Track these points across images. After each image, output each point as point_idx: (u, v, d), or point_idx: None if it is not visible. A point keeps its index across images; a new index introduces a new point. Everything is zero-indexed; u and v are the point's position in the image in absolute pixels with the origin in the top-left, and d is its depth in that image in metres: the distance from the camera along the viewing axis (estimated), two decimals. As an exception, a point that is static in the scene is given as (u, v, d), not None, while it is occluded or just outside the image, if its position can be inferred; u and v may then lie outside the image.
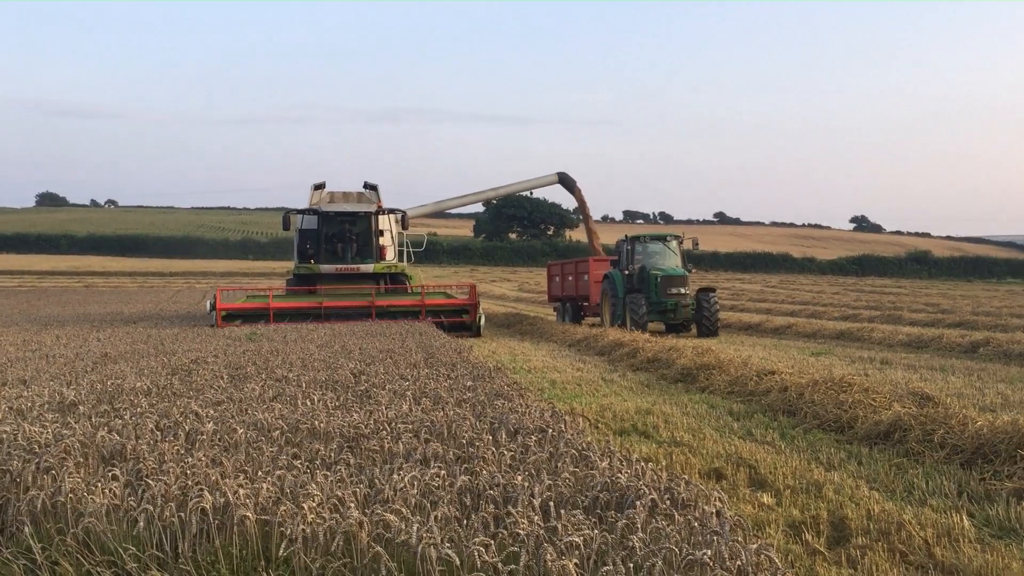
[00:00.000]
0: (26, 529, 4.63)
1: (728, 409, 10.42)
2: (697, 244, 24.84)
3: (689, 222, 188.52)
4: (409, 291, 25.35)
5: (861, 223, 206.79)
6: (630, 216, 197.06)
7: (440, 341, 15.69)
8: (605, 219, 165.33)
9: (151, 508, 4.35)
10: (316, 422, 6.67)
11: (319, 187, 26.07)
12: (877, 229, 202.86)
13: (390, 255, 25.96)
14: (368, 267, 24.95)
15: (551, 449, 5.54)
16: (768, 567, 3.25)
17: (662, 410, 10.26)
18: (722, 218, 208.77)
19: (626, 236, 24.45)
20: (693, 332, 23.21)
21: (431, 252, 27.77)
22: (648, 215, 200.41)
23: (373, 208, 25.27)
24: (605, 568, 3.25)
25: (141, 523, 4.35)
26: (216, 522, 4.23)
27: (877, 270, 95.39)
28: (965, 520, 5.44)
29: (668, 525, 3.72)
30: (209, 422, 6.67)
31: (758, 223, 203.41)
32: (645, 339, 17.99)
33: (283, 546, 3.98)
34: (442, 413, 7.05)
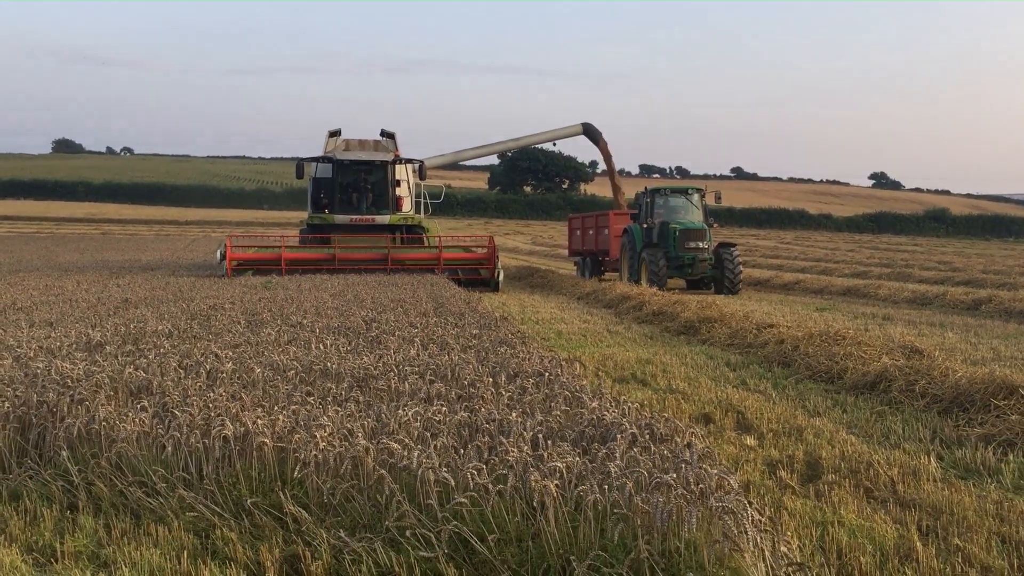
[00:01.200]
0: (64, 453, 5.09)
1: (726, 360, 10.79)
2: (720, 198, 24.03)
3: (706, 177, 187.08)
4: (426, 244, 24.69)
5: (880, 180, 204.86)
6: (646, 170, 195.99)
7: (450, 292, 16.08)
8: (621, 173, 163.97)
9: (178, 435, 4.79)
10: (328, 364, 7.09)
11: (334, 134, 25.26)
12: (896, 186, 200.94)
13: (407, 206, 25.28)
14: (384, 218, 24.20)
15: (547, 391, 5.94)
16: (727, 488, 3.65)
17: (662, 360, 10.64)
18: (739, 173, 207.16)
19: (646, 188, 23.78)
20: (713, 289, 22.40)
21: (445, 204, 26.89)
22: (665, 169, 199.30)
23: (390, 157, 24.42)
24: (581, 488, 3.65)
25: (169, 448, 4.79)
26: (237, 448, 4.66)
27: (894, 228, 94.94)
28: (932, 462, 5.82)
29: (643, 455, 4.12)
30: (228, 362, 7.10)
31: (776, 179, 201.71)
32: (652, 293, 18.32)
33: (297, 469, 4.40)
34: (447, 358, 7.45)
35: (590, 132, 33.45)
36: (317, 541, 3.99)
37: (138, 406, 5.53)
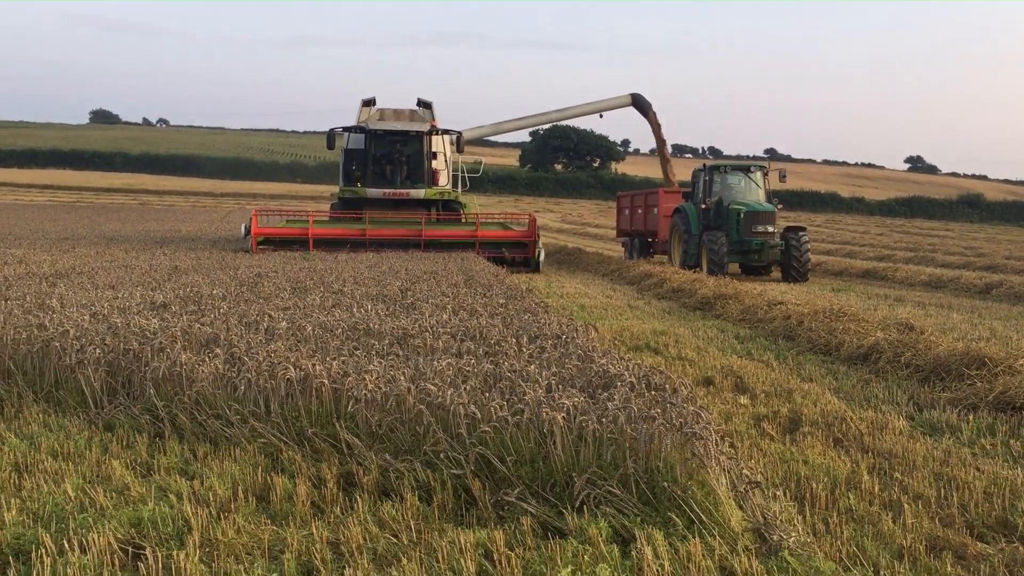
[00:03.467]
0: (150, 391, 6.01)
1: (735, 333, 11.56)
2: (784, 177, 22.23)
3: (738, 157, 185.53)
4: (463, 220, 23.61)
5: (916, 164, 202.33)
6: (678, 150, 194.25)
7: (480, 266, 16.92)
8: (654, 153, 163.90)
9: (249, 377, 5.68)
10: (370, 324, 7.98)
11: (369, 103, 24.17)
12: (933, 170, 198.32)
13: (443, 180, 24.03)
14: (419, 192, 22.98)
15: (563, 350, 6.77)
16: (704, 420, 4.47)
17: (675, 332, 11.43)
18: (773, 154, 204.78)
19: (704, 165, 21.93)
20: (775, 275, 21.33)
21: (475, 180, 25.70)
22: (697, 149, 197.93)
23: (426, 127, 23.09)
24: (583, 418, 4.49)
25: (241, 388, 5.69)
26: (299, 388, 5.54)
27: (926, 212, 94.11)
28: (902, 420, 6.58)
29: (637, 398, 4.94)
30: (283, 321, 8.01)
31: (809, 160, 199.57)
32: (673, 271, 19.09)
33: (350, 405, 5.27)
34: (476, 322, 8.31)
35: (639, 103, 31.22)
36: (367, 462, 4.86)
37: (211, 354, 6.43)
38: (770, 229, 20.32)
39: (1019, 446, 5.91)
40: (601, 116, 33.48)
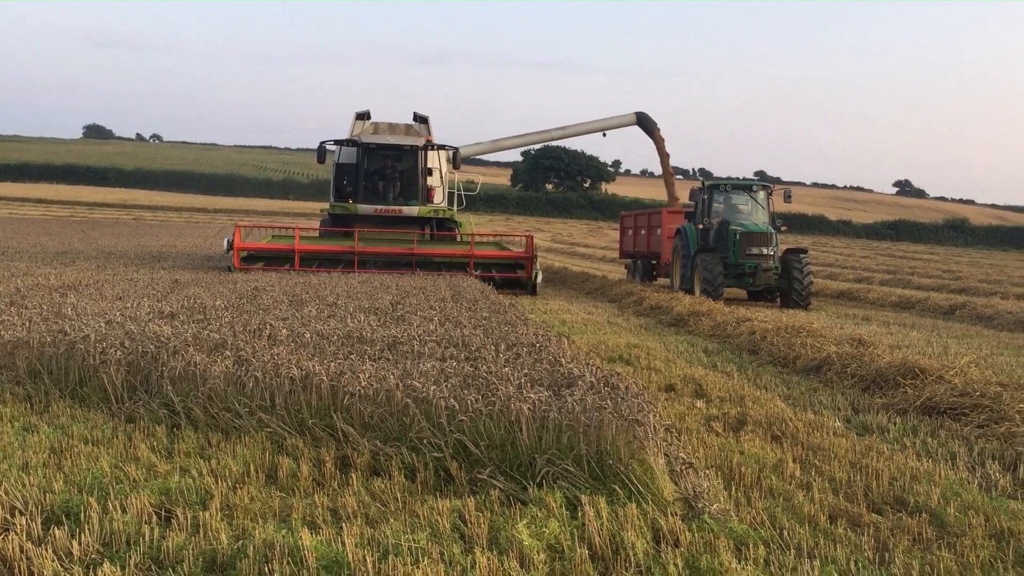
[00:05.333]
0: (167, 388, 6.77)
1: (704, 347, 12.36)
2: (789, 197, 20.70)
3: (729, 179, 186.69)
4: (458, 240, 22.61)
5: (904, 188, 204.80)
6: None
7: (467, 283, 17.69)
8: (644, 173, 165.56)
9: (257, 375, 6.44)
10: (363, 333, 8.75)
11: (362, 116, 23.59)
12: (920, 194, 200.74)
13: (438, 197, 23.28)
14: (412, 210, 22.15)
15: (535, 356, 7.55)
16: (646, 410, 5.26)
17: (648, 345, 12.22)
18: (762, 176, 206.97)
19: (703, 183, 20.66)
20: (779, 303, 19.85)
21: (467, 199, 24.44)
22: (688, 171, 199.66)
23: (421, 142, 22.37)
24: (545, 408, 5.27)
25: (249, 385, 6.45)
26: (301, 385, 6.30)
27: (912, 236, 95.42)
28: (838, 422, 7.39)
29: (595, 394, 5.72)
30: (283, 329, 8.77)
31: (799, 183, 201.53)
32: (653, 290, 19.92)
33: (346, 399, 6.04)
34: (460, 332, 9.08)
35: (644, 123, 30.93)
36: (360, 447, 5.62)
37: (221, 356, 7.18)
38: (765, 251, 18.94)
39: (935, 444, 6.71)
40: (604, 135, 32.35)
